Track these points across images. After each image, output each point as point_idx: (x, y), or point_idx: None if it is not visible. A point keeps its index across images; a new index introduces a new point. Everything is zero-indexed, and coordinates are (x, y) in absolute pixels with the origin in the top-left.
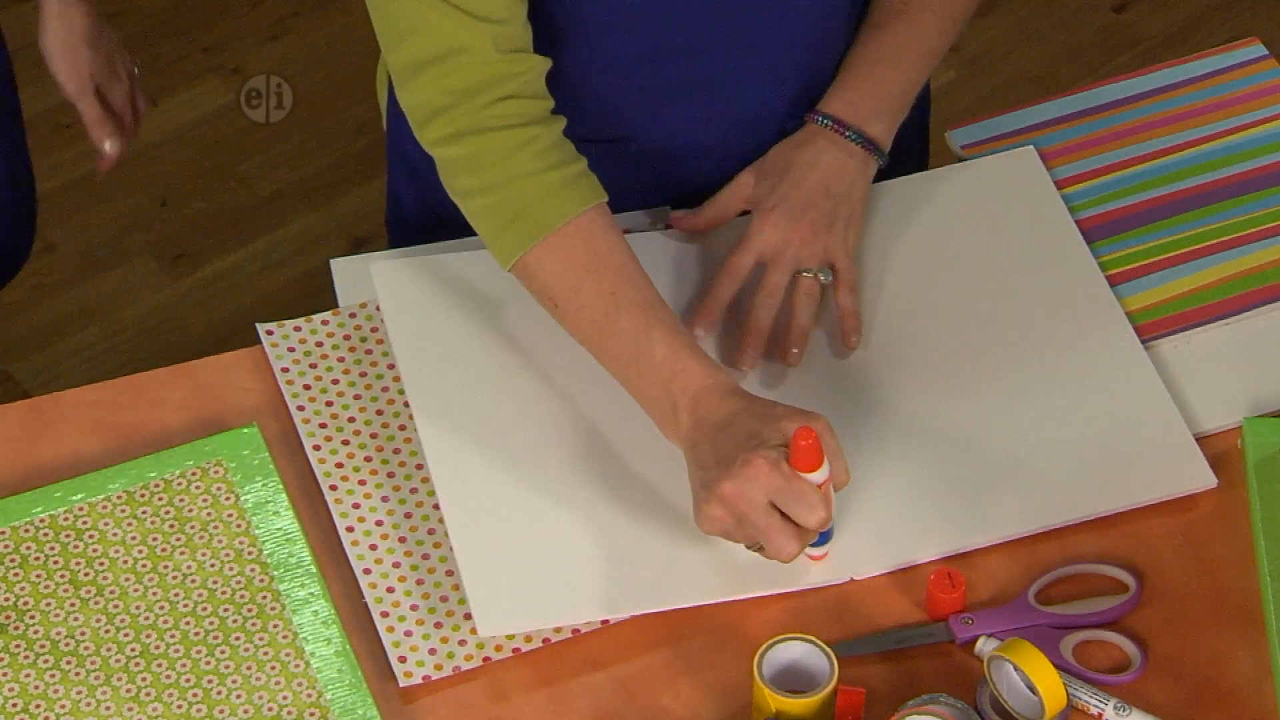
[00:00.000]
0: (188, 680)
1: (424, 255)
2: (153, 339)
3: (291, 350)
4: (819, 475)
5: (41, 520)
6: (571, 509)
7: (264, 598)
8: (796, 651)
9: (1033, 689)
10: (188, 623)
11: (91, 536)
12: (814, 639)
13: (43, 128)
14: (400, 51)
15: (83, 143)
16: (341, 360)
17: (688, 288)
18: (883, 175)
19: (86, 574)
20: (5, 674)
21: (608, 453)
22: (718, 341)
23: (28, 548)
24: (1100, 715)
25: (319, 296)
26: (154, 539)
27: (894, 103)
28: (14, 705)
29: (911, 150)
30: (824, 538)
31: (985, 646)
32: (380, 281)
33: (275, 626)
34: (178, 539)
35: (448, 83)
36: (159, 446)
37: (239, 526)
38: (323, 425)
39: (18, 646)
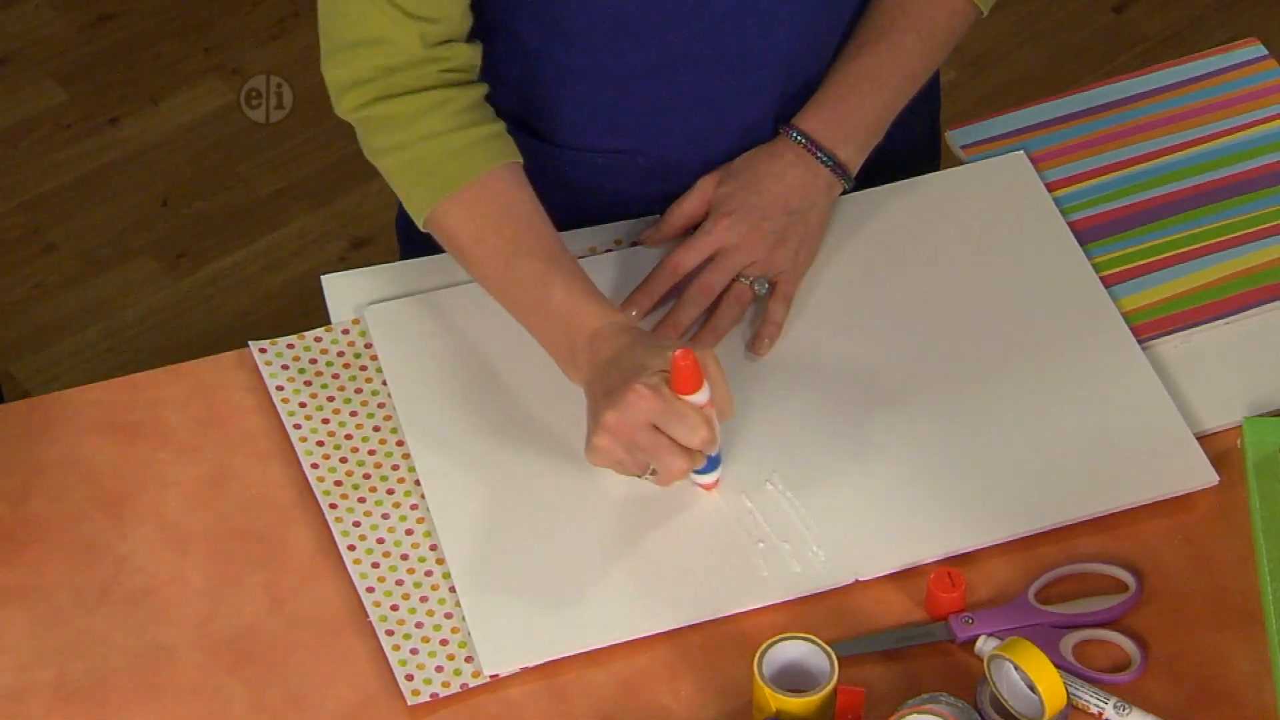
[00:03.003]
0: None
1: (420, 261)
2: (154, 338)
3: (285, 368)
4: (699, 397)
5: None
6: (569, 540)
7: None
8: (797, 651)
9: (1033, 688)
10: None
11: None
12: (814, 638)
13: (43, 127)
14: (329, 29)
15: (83, 143)
16: (336, 377)
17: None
18: (890, 176)
19: None
20: None
21: (602, 481)
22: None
23: None
24: (1100, 714)
25: (319, 297)
26: None
27: (868, 127)
28: None
29: (921, 150)
30: (712, 464)
31: (985, 646)
32: (374, 324)
33: None
34: None
35: (366, 62)
36: (160, 446)
37: None
38: (320, 443)
39: None
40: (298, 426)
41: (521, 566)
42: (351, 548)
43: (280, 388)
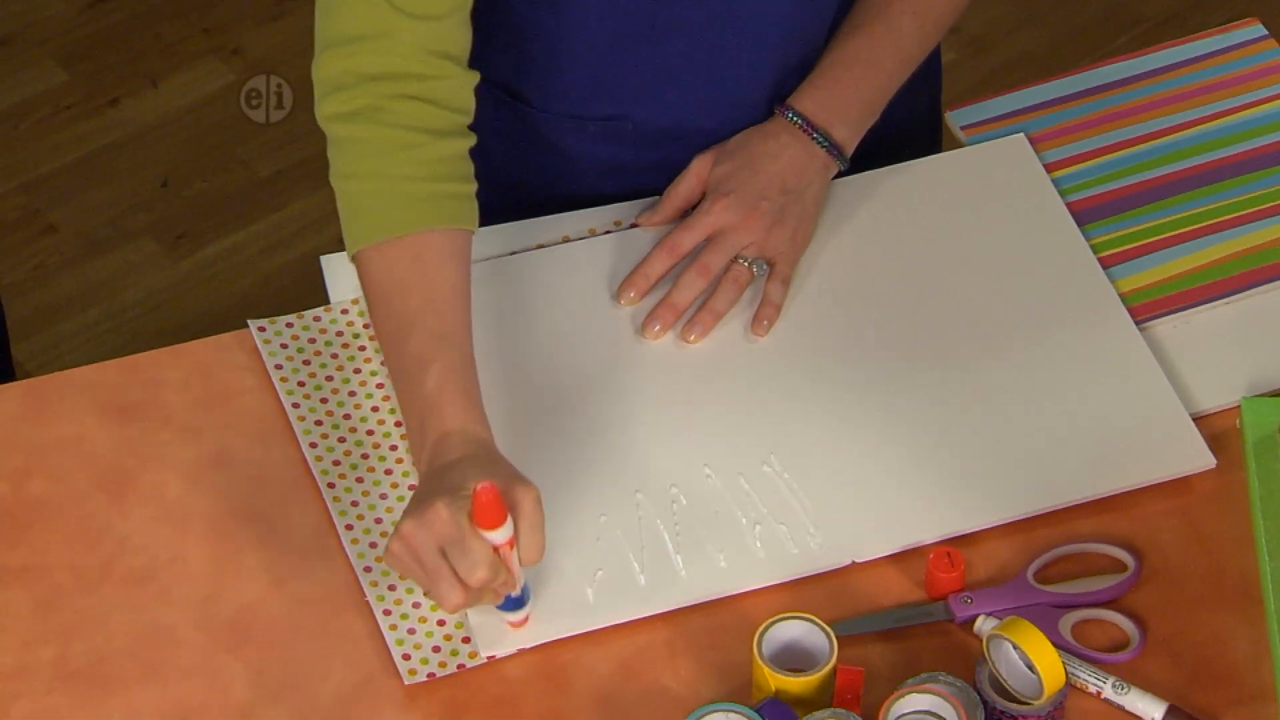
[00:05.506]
0: None
1: None
2: (154, 319)
3: (284, 347)
4: (497, 535)
5: None
6: (566, 522)
7: None
8: (796, 630)
9: (1031, 668)
10: None
11: None
12: (813, 618)
13: (43, 109)
14: (322, 25)
15: (83, 124)
16: (335, 357)
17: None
18: (891, 157)
19: None
20: None
21: (596, 464)
22: (637, 310)
23: None
24: (1099, 693)
25: (319, 279)
26: None
27: (863, 108)
28: None
29: (923, 131)
30: (515, 602)
31: (984, 625)
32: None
33: None
34: None
35: (354, 63)
36: (160, 426)
37: None
38: (318, 423)
39: None
40: (296, 406)
41: None
42: (349, 527)
43: (279, 366)
